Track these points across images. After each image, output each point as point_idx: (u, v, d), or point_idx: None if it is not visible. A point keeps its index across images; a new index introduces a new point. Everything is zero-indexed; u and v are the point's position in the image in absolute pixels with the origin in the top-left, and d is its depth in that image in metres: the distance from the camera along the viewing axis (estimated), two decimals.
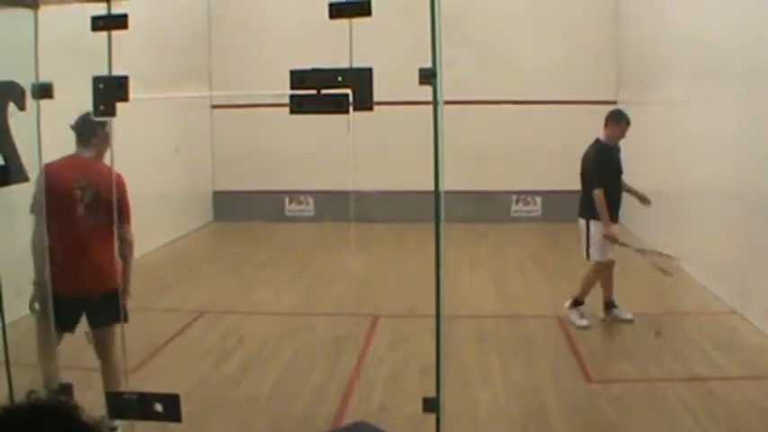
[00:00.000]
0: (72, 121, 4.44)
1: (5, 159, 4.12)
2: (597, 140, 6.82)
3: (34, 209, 4.09)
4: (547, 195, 11.89)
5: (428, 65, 3.28)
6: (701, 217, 8.04)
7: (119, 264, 4.40)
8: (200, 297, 7.73)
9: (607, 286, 6.88)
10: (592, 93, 11.59)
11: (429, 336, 4.10)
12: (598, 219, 6.56)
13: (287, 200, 12.24)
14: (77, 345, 5.73)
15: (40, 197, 3.99)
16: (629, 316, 6.76)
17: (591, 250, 6.64)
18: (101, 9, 3.49)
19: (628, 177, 6.98)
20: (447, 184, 3.55)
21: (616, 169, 6.78)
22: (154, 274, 8.70)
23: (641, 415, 4.91)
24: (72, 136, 4.51)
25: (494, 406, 5.11)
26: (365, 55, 3.27)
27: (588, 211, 6.66)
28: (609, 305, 6.85)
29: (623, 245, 6.78)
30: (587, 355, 5.97)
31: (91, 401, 2.16)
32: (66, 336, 4.41)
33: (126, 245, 4.50)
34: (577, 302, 6.74)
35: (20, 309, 4.50)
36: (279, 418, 4.90)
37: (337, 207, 10.38)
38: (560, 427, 4.77)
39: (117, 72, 3.55)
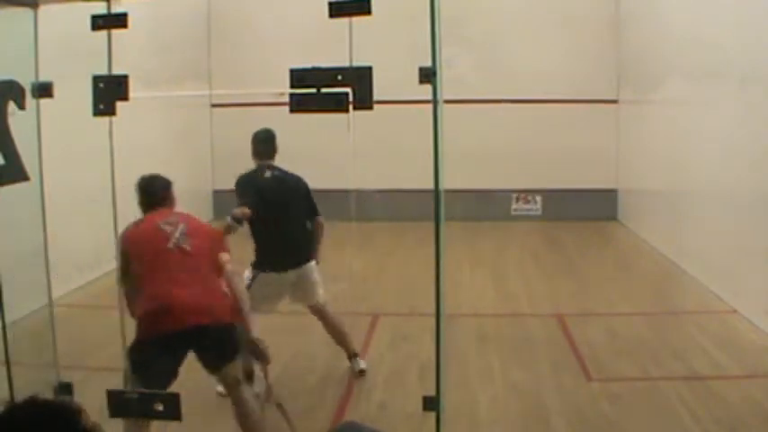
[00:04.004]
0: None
1: (5, 159, 4.12)
2: (280, 168, 5.58)
3: None
4: (547, 194, 11.89)
5: (428, 64, 3.29)
6: (702, 216, 8.04)
7: None
8: None
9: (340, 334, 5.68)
10: (592, 92, 11.60)
11: (429, 334, 4.10)
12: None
13: None
14: (77, 345, 5.75)
15: None
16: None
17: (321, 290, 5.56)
18: (101, 8, 3.49)
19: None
20: (447, 183, 3.55)
21: None
22: None
23: (641, 414, 4.91)
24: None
25: (494, 404, 5.11)
26: (365, 54, 3.27)
27: (313, 249, 5.61)
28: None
29: None
30: (587, 354, 5.97)
31: (91, 400, 2.17)
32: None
33: None
34: (355, 354, 5.64)
35: (19, 309, 4.51)
36: (278, 416, 4.89)
37: (337, 205, 10.38)
38: (560, 425, 4.77)
39: (117, 71, 3.56)
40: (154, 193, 4.38)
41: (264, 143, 5.57)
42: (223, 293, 4.10)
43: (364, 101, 3.19)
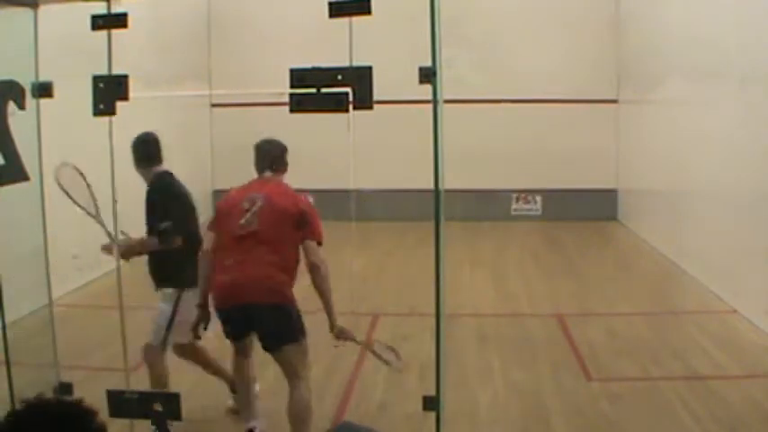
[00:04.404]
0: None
1: (5, 159, 4.12)
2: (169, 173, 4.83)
3: None
4: (547, 194, 11.89)
5: (428, 64, 3.29)
6: (702, 216, 8.04)
7: None
8: None
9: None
10: (592, 92, 11.60)
11: (429, 334, 4.10)
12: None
13: None
14: (77, 345, 5.75)
15: None
16: None
17: (173, 333, 4.58)
18: (101, 8, 3.50)
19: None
20: (447, 183, 3.55)
21: None
22: None
23: (641, 414, 4.91)
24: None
25: (494, 404, 5.11)
26: (365, 54, 3.27)
27: (182, 275, 4.49)
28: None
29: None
30: (587, 354, 5.97)
31: (91, 400, 2.16)
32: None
33: None
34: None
35: (19, 309, 4.50)
36: (278, 417, 4.89)
37: (337, 205, 10.39)
38: (560, 425, 4.77)
39: (117, 71, 3.56)
40: (260, 158, 4.71)
41: (147, 145, 4.72)
42: (285, 274, 4.20)
43: (364, 101, 3.19)
